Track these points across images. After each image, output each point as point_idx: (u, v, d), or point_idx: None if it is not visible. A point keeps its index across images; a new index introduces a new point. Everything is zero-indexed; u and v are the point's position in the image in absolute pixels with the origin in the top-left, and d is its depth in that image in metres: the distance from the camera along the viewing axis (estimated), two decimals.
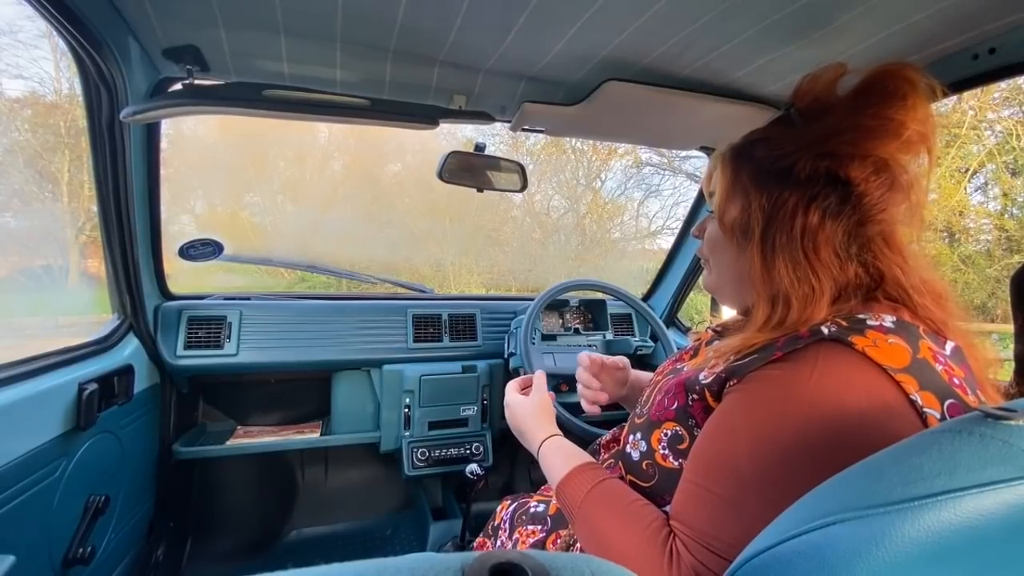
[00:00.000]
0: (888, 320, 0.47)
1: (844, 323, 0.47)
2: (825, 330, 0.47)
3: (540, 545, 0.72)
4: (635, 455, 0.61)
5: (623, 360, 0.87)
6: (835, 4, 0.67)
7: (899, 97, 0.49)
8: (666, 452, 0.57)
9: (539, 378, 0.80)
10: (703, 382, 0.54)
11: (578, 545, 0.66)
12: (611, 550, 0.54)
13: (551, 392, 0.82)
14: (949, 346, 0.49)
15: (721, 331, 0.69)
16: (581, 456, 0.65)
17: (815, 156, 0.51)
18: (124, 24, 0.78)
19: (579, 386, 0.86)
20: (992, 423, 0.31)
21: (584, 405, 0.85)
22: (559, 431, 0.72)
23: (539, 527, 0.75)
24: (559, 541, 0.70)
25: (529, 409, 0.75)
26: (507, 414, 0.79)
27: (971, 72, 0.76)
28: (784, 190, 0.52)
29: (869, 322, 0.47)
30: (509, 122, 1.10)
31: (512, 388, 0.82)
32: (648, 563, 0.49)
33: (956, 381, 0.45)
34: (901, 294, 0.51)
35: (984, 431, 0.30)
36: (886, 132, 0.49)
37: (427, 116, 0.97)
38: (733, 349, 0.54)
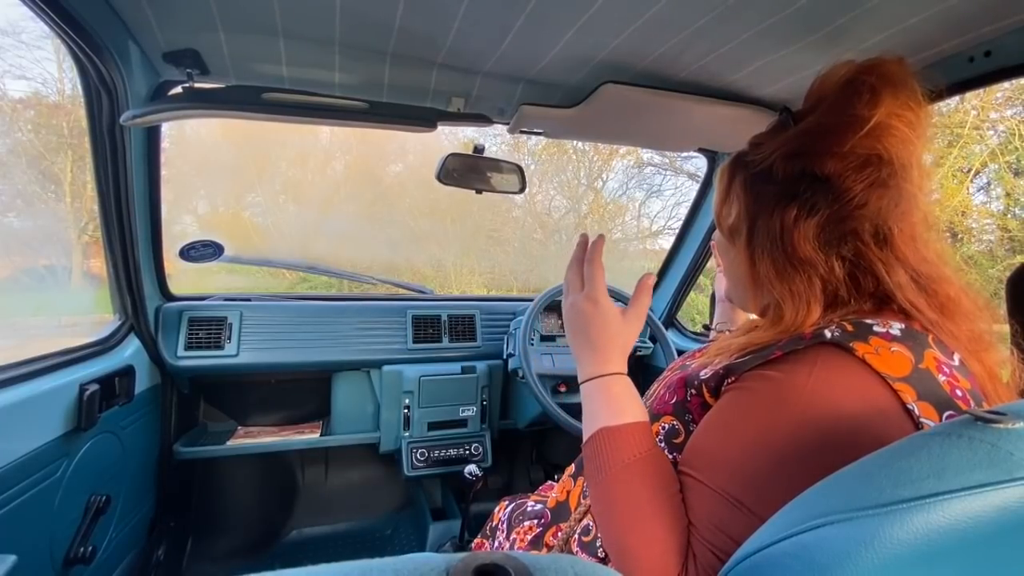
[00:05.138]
0: (896, 327, 0.47)
1: (850, 327, 0.47)
2: (828, 333, 0.46)
3: (538, 539, 0.72)
4: None
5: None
6: (831, 7, 0.67)
7: (868, 91, 0.48)
8: (662, 445, 0.58)
9: (644, 296, 0.61)
10: (702, 378, 0.55)
11: (575, 536, 0.65)
12: (637, 525, 0.48)
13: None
14: (957, 357, 0.47)
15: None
16: (643, 411, 0.56)
17: (787, 156, 0.52)
18: (124, 28, 0.79)
19: None
20: (981, 426, 0.31)
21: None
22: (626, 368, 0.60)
23: (536, 521, 0.75)
24: (559, 534, 0.70)
25: (616, 326, 0.59)
26: (571, 306, 0.61)
27: (967, 75, 0.76)
28: (766, 191, 0.54)
29: (875, 328, 0.46)
30: (507, 124, 1.11)
31: (596, 273, 0.61)
32: (669, 555, 0.46)
33: (959, 393, 0.44)
34: (891, 291, 0.49)
35: (973, 434, 0.30)
36: (845, 127, 0.49)
37: (425, 119, 0.97)
38: (737, 347, 0.54)
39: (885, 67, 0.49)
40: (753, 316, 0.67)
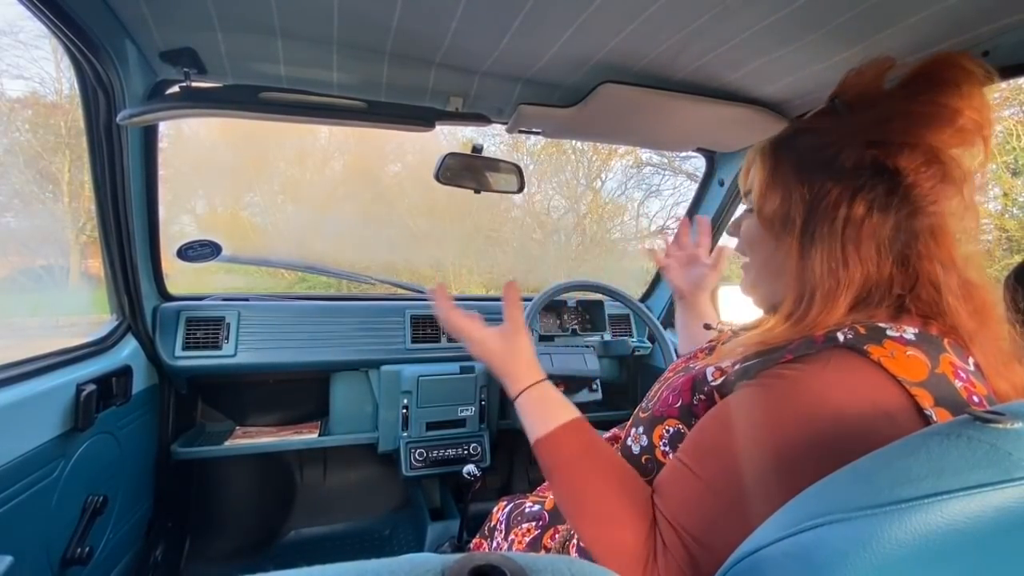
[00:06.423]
0: (910, 332, 0.45)
1: (863, 330, 0.46)
2: (840, 336, 0.45)
3: (536, 542, 0.72)
4: (636, 448, 0.61)
5: (709, 272, 0.90)
6: (829, 7, 0.67)
7: (953, 84, 0.47)
8: (666, 448, 0.57)
9: (514, 308, 0.68)
10: (712, 383, 0.53)
11: (574, 541, 0.66)
12: (597, 517, 0.52)
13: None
14: (972, 361, 0.46)
15: (739, 333, 0.67)
16: (568, 411, 0.61)
17: (861, 145, 0.49)
18: (121, 27, 0.79)
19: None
20: (980, 426, 0.31)
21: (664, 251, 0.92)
22: (543, 375, 0.65)
23: (535, 523, 0.75)
24: (557, 536, 0.70)
25: (508, 348, 0.66)
26: (475, 351, 0.68)
27: None
28: (827, 180, 0.50)
29: (889, 332, 0.45)
30: (505, 124, 1.10)
31: (474, 319, 0.69)
32: (635, 537, 0.49)
33: (976, 399, 0.43)
34: (933, 295, 0.48)
35: (972, 434, 0.30)
36: (939, 119, 0.47)
37: (423, 118, 0.97)
38: (746, 347, 0.53)
39: (966, 62, 0.48)
40: (761, 313, 0.65)
